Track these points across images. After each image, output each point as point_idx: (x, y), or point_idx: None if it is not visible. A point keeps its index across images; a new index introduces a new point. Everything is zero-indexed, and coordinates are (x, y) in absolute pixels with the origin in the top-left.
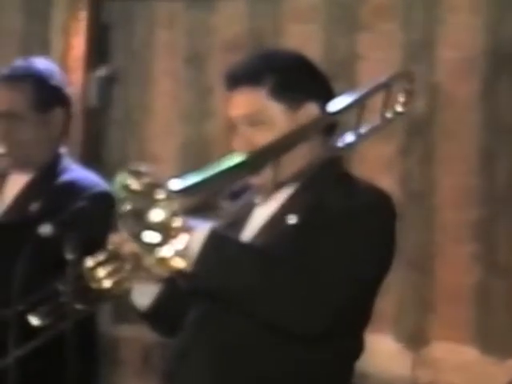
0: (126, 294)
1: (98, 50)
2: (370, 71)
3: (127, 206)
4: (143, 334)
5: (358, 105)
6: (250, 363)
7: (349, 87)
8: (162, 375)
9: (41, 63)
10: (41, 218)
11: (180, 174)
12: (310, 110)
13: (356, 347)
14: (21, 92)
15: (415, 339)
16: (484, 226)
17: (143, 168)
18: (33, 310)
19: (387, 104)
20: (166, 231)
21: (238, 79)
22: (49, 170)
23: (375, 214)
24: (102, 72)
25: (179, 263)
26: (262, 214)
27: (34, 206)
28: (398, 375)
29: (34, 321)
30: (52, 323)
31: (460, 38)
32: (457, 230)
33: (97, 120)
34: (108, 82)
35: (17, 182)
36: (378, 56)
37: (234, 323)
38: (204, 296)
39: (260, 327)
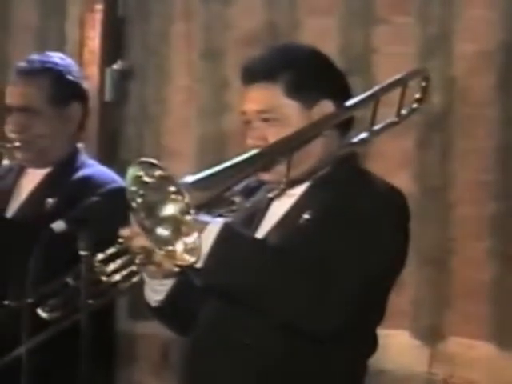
0: (136, 288)
1: (114, 45)
2: (387, 65)
3: (139, 199)
4: (161, 330)
5: (374, 101)
6: (262, 361)
7: (365, 81)
8: (178, 373)
9: (57, 57)
10: (56, 213)
11: (197, 169)
12: (325, 107)
13: (370, 344)
14: (38, 86)
15: (432, 335)
16: (501, 222)
17: (156, 161)
18: (43, 303)
19: (403, 100)
20: (178, 225)
21: (254, 75)
22: (65, 166)
23: (389, 211)
24: (117, 66)
25: (190, 258)
26: (277, 211)
27: (50, 202)
28: (415, 371)
29: (43, 313)
30: (61, 317)
31: (477, 31)
32: (474, 226)
33: (112, 115)
34: (124, 77)
35: (33, 177)
36: (394, 50)
37: (246, 321)
38: (215, 293)
39: (273, 325)
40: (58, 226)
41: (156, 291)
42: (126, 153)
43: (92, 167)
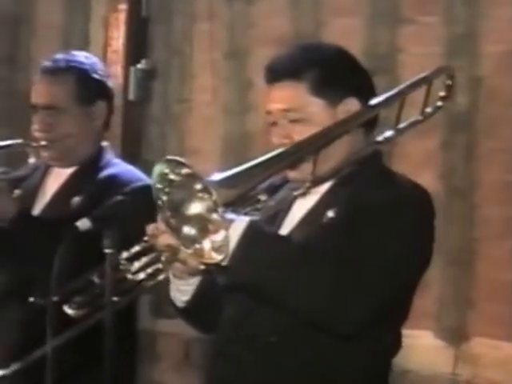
0: (161, 286)
1: (138, 44)
2: (412, 65)
3: (164, 197)
4: (183, 328)
5: (399, 99)
6: (287, 361)
7: (390, 81)
8: (202, 372)
9: (82, 56)
10: (82, 212)
11: (220, 169)
12: (350, 105)
13: (394, 344)
14: (63, 85)
15: (456, 335)
16: None
17: (182, 159)
18: (69, 300)
19: (427, 99)
20: (204, 224)
21: (279, 73)
22: (91, 164)
23: (414, 210)
24: (141, 66)
25: (216, 256)
26: (300, 208)
27: (76, 201)
28: (439, 371)
29: (69, 311)
30: (87, 314)
31: (503, 31)
32: (498, 226)
33: (136, 114)
34: (148, 76)
35: (59, 176)
36: (419, 50)
37: (272, 319)
38: (241, 291)
39: (298, 323)
40: (84, 224)
41: (182, 291)
42: (150, 152)
43: (117, 166)
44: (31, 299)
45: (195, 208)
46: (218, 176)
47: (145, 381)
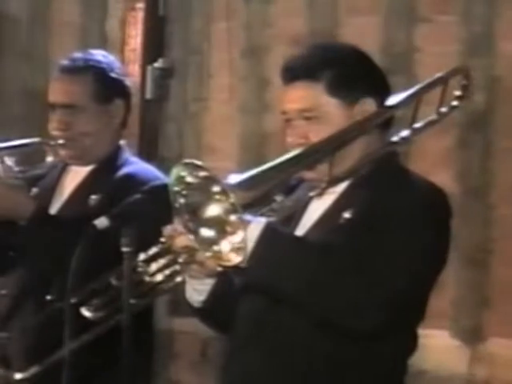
0: (178, 287)
1: (155, 43)
2: (429, 65)
3: (182, 199)
4: (200, 327)
5: (415, 99)
6: (303, 361)
7: (406, 81)
8: (219, 371)
9: (100, 55)
10: (100, 211)
11: (237, 168)
12: (366, 105)
13: (410, 343)
14: (81, 84)
15: (472, 335)
16: None
17: (200, 162)
18: (86, 302)
19: (443, 98)
20: (222, 225)
21: (295, 73)
22: (109, 163)
23: (431, 210)
24: (159, 64)
25: (234, 258)
26: (316, 209)
27: (94, 199)
28: (455, 371)
29: (87, 313)
30: (105, 316)
31: None
32: None
33: (153, 113)
34: (165, 75)
35: (76, 175)
36: (436, 49)
37: (288, 321)
38: (258, 292)
39: (314, 324)
40: (101, 222)
41: (198, 291)
42: (167, 150)
43: (135, 164)
44: (48, 297)
45: (213, 210)
46: (235, 178)
47: (162, 379)
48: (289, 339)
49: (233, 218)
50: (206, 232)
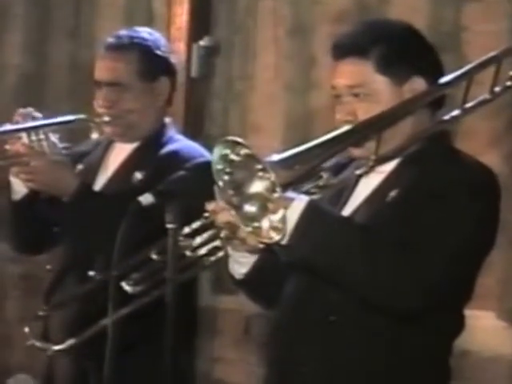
0: (219, 263)
1: (201, 21)
2: (477, 43)
3: (225, 177)
4: (243, 304)
5: (466, 78)
6: (347, 339)
7: (455, 60)
8: (261, 347)
9: (146, 32)
10: (144, 187)
11: (282, 146)
12: (416, 84)
13: (456, 324)
14: (127, 61)
15: None
16: None
17: (241, 139)
18: (126, 276)
19: (496, 78)
20: (264, 203)
21: (345, 50)
22: (154, 140)
23: (479, 190)
24: (204, 42)
25: (274, 236)
26: (365, 188)
27: (138, 176)
28: (500, 353)
29: (127, 287)
30: (144, 290)
31: None
32: None
33: (199, 91)
34: (210, 53)
35: (121, 152)
36: (485, 28)
37: (331, 298)
38: (302, 270)
39: (357, 304)
40: (146, 199)
41: (240, 263)
42: (212, 128)
43: (180, 142)
44: (91, 273)
45: (256, 187)
46: (277, 157)
47: (205, 356)
48: (331, 318)
49: (275, 195)
50: (249, 208)
